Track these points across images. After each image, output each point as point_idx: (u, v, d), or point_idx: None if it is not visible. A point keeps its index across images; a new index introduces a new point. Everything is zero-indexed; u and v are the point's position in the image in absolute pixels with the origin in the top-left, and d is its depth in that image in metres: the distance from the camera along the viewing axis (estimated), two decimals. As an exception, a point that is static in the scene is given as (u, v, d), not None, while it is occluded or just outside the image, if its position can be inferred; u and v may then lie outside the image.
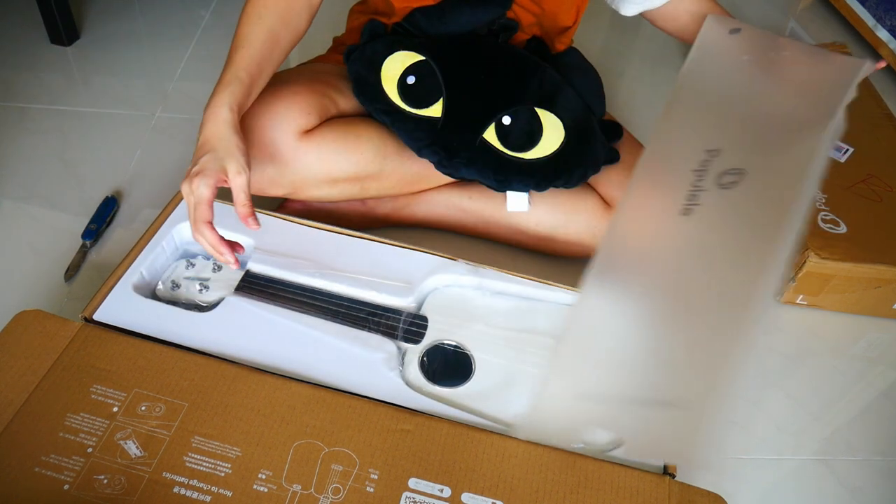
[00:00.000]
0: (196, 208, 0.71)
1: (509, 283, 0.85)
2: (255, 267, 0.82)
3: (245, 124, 0.81)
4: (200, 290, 0.80)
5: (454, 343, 0.79)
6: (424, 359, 0.77)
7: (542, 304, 0.85)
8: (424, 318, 0.81)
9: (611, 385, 0.65)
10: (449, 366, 0.78)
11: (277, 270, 0.83)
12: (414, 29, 0.88)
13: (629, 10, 0.94)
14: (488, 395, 0.75)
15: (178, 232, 0.84)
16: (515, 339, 0.80)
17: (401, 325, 0.80)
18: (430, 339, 0.79)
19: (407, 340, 0.79)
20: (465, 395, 0.75)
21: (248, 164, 0.73)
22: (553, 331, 0.82)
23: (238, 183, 0.72)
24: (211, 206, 0.72)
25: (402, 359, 0.77)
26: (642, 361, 0.65)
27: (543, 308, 0.85)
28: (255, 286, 0.81)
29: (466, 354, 0.78)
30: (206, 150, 0.72)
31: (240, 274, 0.82)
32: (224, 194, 0.89)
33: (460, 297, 0.84)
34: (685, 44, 0.88)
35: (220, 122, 0.73)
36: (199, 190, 0.70)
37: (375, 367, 0.75)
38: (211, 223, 0.72)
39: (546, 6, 0.93)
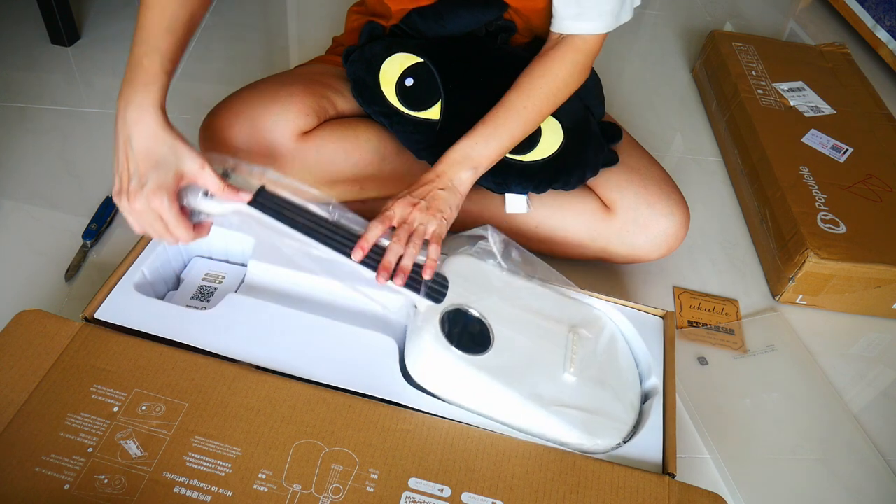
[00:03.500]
0: (174, 229, 0.68)
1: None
2: (271, 186, 0.74)
3: (243, 125, 0.81)
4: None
5: (476, 312, 0.76)
6: (445, 319, 0.74)
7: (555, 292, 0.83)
8: (445, 279, 0.78)
9: None
10: (467, 333, 0.74)
11: (292, 197, 0.74)
12: (412, 30, 0.88)
13: (559, 27, 0.86)
14: (505, 369, 0.72)
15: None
16: (530, 322, 0.78)
17: (424, 279, 0.76)
18: (449, 301, 0.76)
19: (429, 297, 0.75)
20: (482, 365, 0.72)
21: (200, 154, 0.69)
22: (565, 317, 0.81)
23: (206, 176, 0.68)
24: (184, 217, 0.69)
25: (423, 316, 0.73)
26: None
27: (557, 296, 0.83)
28: (268, 204, 0.73)
29: (486, 325, 0.76)
30: (151, 162, 0.67)
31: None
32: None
33: (479, 268, 0.82)
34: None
35: (153, 126, 0.67)
36: (164, 210, 0.67)
37: (375, 367, 0.75)
38: (190, 230, 0.69)
39: (535, 30, 0.93)
